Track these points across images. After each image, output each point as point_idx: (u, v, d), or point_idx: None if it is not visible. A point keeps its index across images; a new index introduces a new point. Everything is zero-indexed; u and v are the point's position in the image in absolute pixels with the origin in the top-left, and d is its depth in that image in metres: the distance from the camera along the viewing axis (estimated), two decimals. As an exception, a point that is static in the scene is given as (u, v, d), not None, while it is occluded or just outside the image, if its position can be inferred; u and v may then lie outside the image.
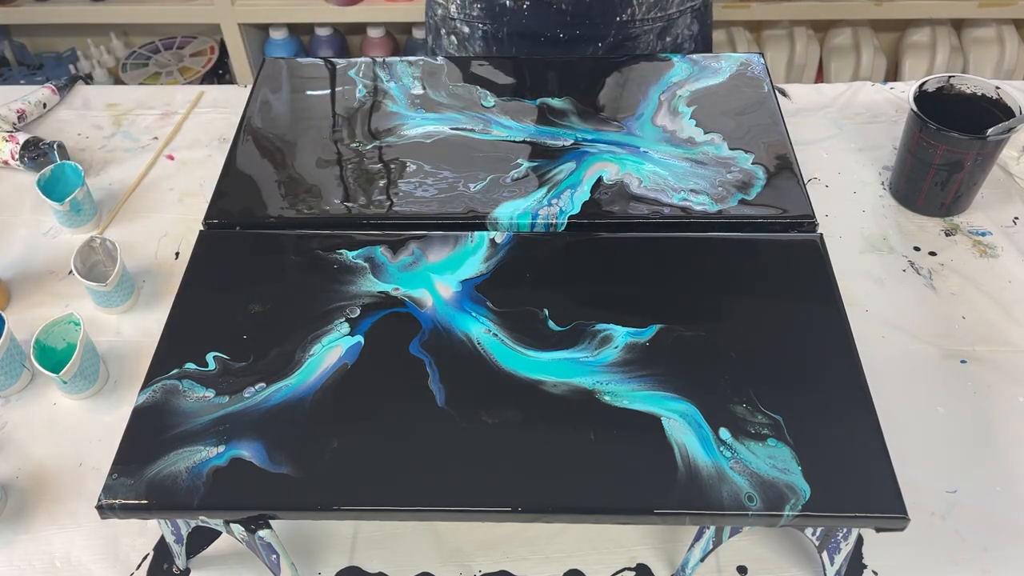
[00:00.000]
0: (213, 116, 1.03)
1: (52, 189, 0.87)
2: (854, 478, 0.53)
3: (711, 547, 0.58)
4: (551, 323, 0.62)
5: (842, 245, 0.85)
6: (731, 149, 0.75)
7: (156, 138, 1.00)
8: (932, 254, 0.84)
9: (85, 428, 0.71)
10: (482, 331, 0.62)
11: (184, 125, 1.02)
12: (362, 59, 0.86)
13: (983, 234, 0.86)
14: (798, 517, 0.52)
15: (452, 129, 0.78)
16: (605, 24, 0.92)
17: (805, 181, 0.74)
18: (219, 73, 2.07)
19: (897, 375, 0.73)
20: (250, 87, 0.92)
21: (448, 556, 0.63)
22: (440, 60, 0.85)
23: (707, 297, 0.64)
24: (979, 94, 0.87)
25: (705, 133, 0.77)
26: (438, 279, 0.65)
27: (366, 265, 0.66)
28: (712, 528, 0.57)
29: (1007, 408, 0.71)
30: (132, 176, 0.95)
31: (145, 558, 0.63)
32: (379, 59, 0.86)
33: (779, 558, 0.63)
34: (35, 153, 0.93)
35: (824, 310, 0.62)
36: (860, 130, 0.99)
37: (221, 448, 0.55)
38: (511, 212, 0.70)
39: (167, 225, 0.89)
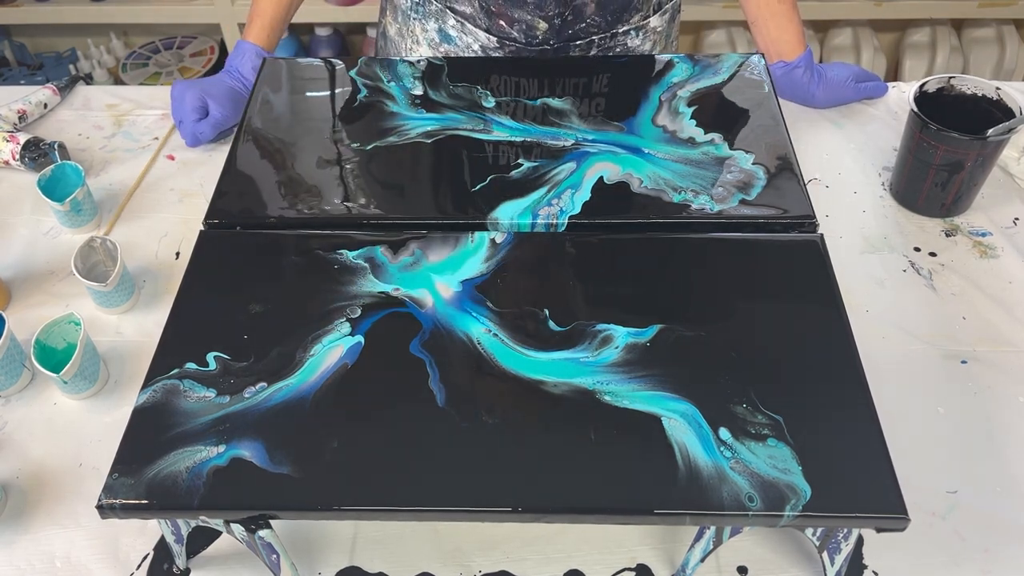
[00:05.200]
0: (213, 116, 1.03)
1: (52, 189, 0.87)
2: (854, 478, 0.53)
3: (711, 547, 0.58)
4: (551, 323, 0.62)
5: (842, 245, 0.85)
6: (731, 149, 0.75)
7: (156, 138, 1.00)
8: (932, 255, 0.84)
9: (85, 428, 0.71)
10: (482, 331, 0.62)
11: (184, 125, 1.02)
12: (362, 59, 0.86)
13: (983, 235, 0.86)
14: (798, 517, 0.52)
15: (452, 129, 0.78)
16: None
17: (805, 181, 0.74)
18: (219, 73, 2.07)
19: (897, 375, 0.73)
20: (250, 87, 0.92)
21: (448, 556, 0.63)
22: (440, 60, 0.85)
23: (708, 297, 0.64)
24: (979, 95, 0.87)
25: (705, 133, 0.77)
26: (438, 279, 0.65)
27: (366, 265, 0.66)
28: (712, 528, 0.57)
29: (1007, 408, 0.71)
30: (132, 176, 0.95)
31: (145, 558, 0.63)
32: (379, 59, 0.86)
33: (779, 558, 0.63)
34: (36, 153, 0.94)
35: (824, 310, 0.62)
36: (860, 130, 0.99)
37: (221, 448, 0.55)
38: (511, 212, 0.70)
39: (167, 225, 0.89)
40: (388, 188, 0.74)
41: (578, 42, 0.95)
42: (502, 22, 0.92)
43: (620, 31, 0.96)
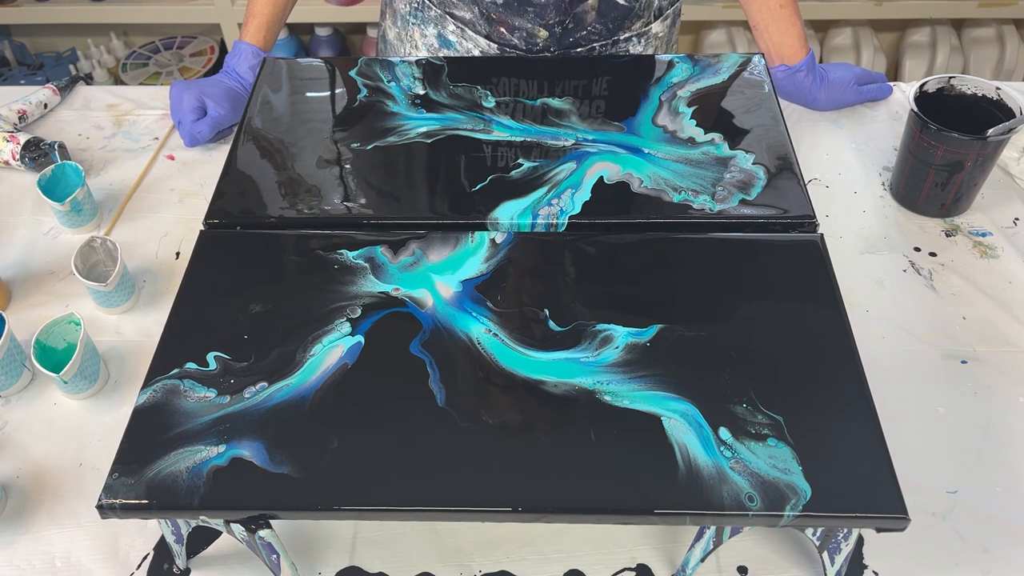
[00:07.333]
0: (213, 116, 1.03)
1: (53, 189, 0.87)
2: (855, 478, 0.53)
3: (711, 547, 0.58)
4: (551, 323, 0.62)
5: (842, 245, 0.85)
6: (731, 149, 0.75)
7: (156, 138, 1.00)
8: (932, 255, 0.84)
9: (85, 428, 0.71)
10: (482, 331, 0.62)
11: (184, 125, 1.02)
12: (362, 59, 0.86)
13: (983, 235, 0.86)
14: (799, 517, 0.52)
15: (452, 129, 0.78)
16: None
17: (805, 181, 0.74)
18: (219, 73, 2.07)
19: (897, 375, 0.73)
20: (248, 87, 0.92)
21: (448, 556, 0.63)
22: (440, 60, 0.85)
23: (708, 297, 0.64)
24: (979, 95, 0.87)
25: (705, 133, 0.77)
26: (438, 279, 0.65)
27: (366, 265, 0.66)
28: (712, 528, 0.57)
29: (1007, 408, 0.71)
30: (132, 176, 0.95)
31: (145, 558, 0.63)
32: (379, 59, 0.86)
33: (779, 558, 0.63)
34: (36, 153, 0.94)
35: (824, 310, 0.62)
36: (860, 130, 0.99)
37: (221, 448, 0.55)
38: (511, 212, 0.70)
39: (167, 225, 0.89)
40: (388, 188, 0.74)
41: (579, 49, 0.95)
42: (502, 29, 0.92)
43: (621, 38, 0.96)
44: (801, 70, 0.98)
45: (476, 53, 0.96)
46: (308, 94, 0.83)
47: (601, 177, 0.73)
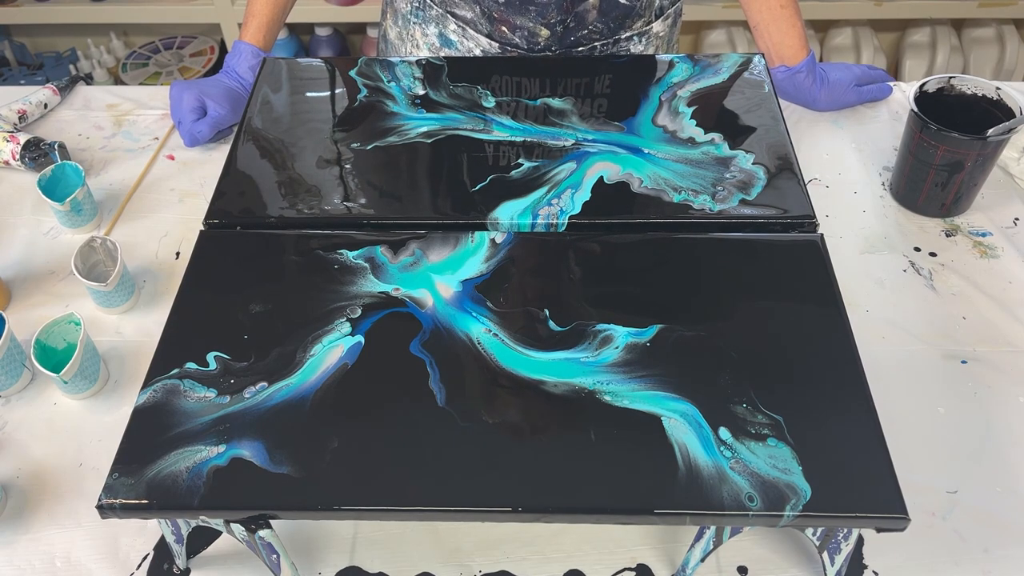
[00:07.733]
0: (213, 116, 1.03)
1: (53, 189, 0.87)
2: (854, 478, 0.53)
3: (711, 547, 0.58)
4: (551, 323, 0.62)
5: (842, 245, 0.85)
6: (731, 149, 0.75)
7: (156, 138, 1.00)
8: (932, 255, 0.84)
9: (85, 428, 0.71)
10: (482, 331, 0.62)
11: (184, 125, 1.02)
12: (362, 59, 0.86)
13: (983, 235, 0.86)
14: (799, 517, 0.52)
15: (453, 129, 0.78)
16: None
17: (805, 181, 0.74)
18: (219, 73, 2.07)
19: (897, 375, 0.73)
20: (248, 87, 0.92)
21: (448, 556, 0.63)
22: (440, 60, 0.85)
23: (708, 297, 0.64)
24: (979, 95, 0.87)
25: (705, 133, 0.77)
26: (438, 279, 0.65)
27: (366, 265, 0.66)
28: (712, 528, 0.57)
29: (1007, 408, 0.71)
30: (132, 176, 0.95)
31: (145, 558, 0.63)
32: (379, 59, 0.86)
33: (779, 558, 0.63)
34: (36, 153, 0.94)
35: (824, 310, 0.62)
36: (860, 130, 0.99)
37: (221, 448, 0.55)
38: (511, 212, 0.70)
39: (168, 225, 0.89)
40: (388, 188, 0.73)
41: (580, 48, 0.95)
42: (504, 28, 0.93)
43: (623, 37, 0.96)
44: (801, 71, 0.98)
45: (477, 52, 0.96)
46: (308, 94, 0.83)
47: (601, 177, 0.73)
